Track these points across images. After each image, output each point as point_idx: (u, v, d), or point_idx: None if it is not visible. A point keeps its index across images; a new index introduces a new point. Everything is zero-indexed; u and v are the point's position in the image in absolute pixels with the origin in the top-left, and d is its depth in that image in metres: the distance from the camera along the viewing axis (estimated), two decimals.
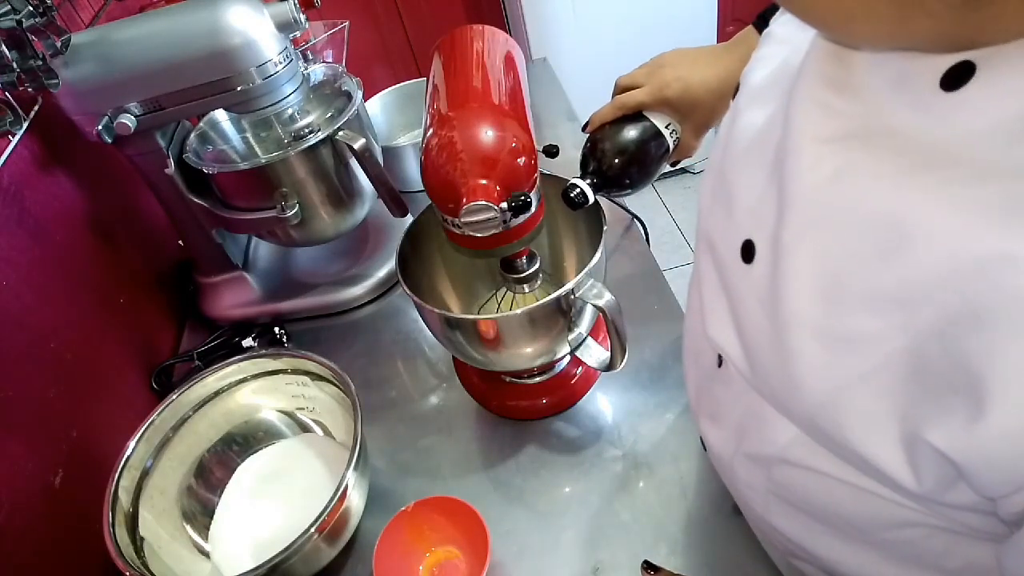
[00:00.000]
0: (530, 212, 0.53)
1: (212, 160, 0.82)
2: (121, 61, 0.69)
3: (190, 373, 0.82)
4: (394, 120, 1.16)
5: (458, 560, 0.61)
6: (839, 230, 0.31)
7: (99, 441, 0.72)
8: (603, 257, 0.61)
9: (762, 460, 0.40)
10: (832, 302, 0.31)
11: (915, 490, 0.29)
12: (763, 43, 0.44)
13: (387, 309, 0.92)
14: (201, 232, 0.86)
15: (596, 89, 0.99)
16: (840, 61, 0.31)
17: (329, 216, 0.85)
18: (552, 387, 0.73)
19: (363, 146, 0.77)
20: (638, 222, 0.93)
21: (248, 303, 0.92)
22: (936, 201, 0.26)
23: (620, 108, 0.67)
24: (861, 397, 0.30)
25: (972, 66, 0.25)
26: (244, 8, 0.68)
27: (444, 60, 0.58)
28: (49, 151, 0.76)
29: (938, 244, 0.26)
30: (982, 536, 0.31)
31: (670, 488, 0.64)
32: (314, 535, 0.55)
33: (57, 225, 0.75)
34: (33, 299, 0.68)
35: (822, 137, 0.32)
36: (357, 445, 0.59)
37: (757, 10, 0.62)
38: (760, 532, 0.53)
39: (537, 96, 1.25)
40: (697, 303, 0.45)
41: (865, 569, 0.38)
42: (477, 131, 0.50)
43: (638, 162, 0.67)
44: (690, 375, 0.51)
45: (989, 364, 0.24)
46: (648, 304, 0.81)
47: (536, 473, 0.68)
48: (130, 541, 0.60)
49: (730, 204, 0.39)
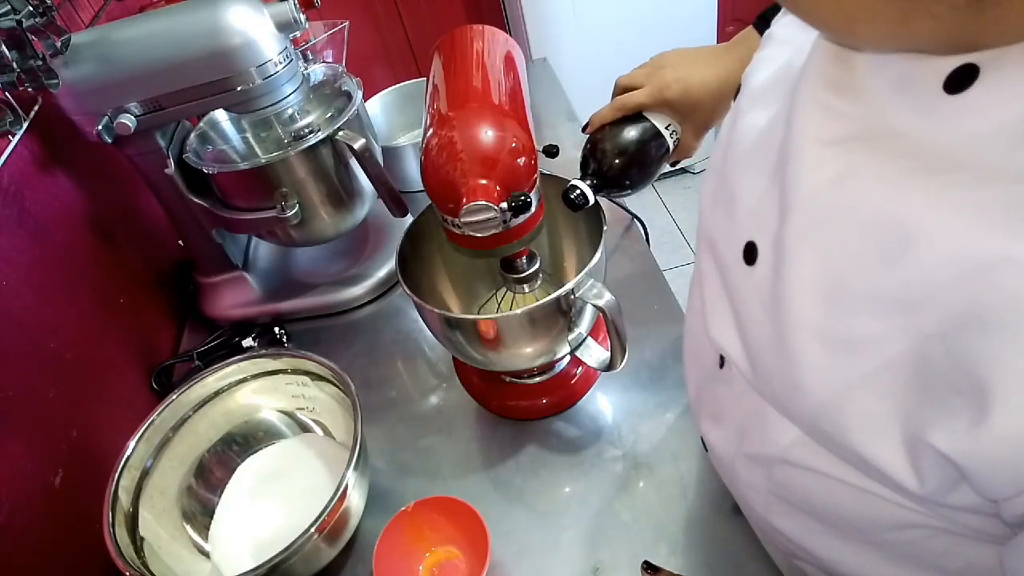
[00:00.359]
0: (530, 212, 0.53)
1: (212, 160, 0.82)
2: (121, 61, 0.69)
3: (190, 373, 0.82)
4: (394, 120, 1.16)
5: (458, 560, 0.61)
6: (841, 232, 0.30)
7: (99, 441, 0.72)
8: (603, 257, 0.61)
9: (763, 460, 0.40)
10: (834, 304, 0.31)
11: (917, 492, 0.29)
12: (765, 44, 0.44)
13: (387, 309, 0.92)
14: (201, 232, 0.86)
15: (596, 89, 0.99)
16: (842, 63, 0.31)
17: (329, 216, 0.85)
18: (552, 387, 0.73)
19: (363, 146, 0.77)
20: (638, 222, 0.93)
21: (248, 303, 0.92)
22: (939, 204, 0.26)
23: (620, 109, 0.67)
24: (863, 399, 0.30)
25: (975, 69, 0.25)
26: (244, 8, 0.68)
27: (444, 60, 0.58)
28: (49, 151, 0.76)
29: (941, 247, 0.26)
30: (983, 537, 0.31)
31: (670, 488, 0.64)
32: (314, 535, 0.55)
33: (57, 225, 0.75)
34: (33, 299, 0.68)
35: (824, 139, 0.32)
36: (357, 445, 0.59)
37: (757, 10, 0.62)
38: (761, 532, 0.53)
39: (537, 96, 1.25)
40: (698, 304, 0.45)
41: (866, 569, 0.38)
42: (477, 131, 0.50)
43: (638, 163, 0.67)
44: (691, 375, 0.51)
45: (992, 367, 0.24)
46: (648, 304, 0.81)
47: (536, 473, 0.68)
48: (130, 541, 0.60)
49: (732, 205, 0.39)
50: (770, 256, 0.35)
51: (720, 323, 0.41)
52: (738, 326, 0.39)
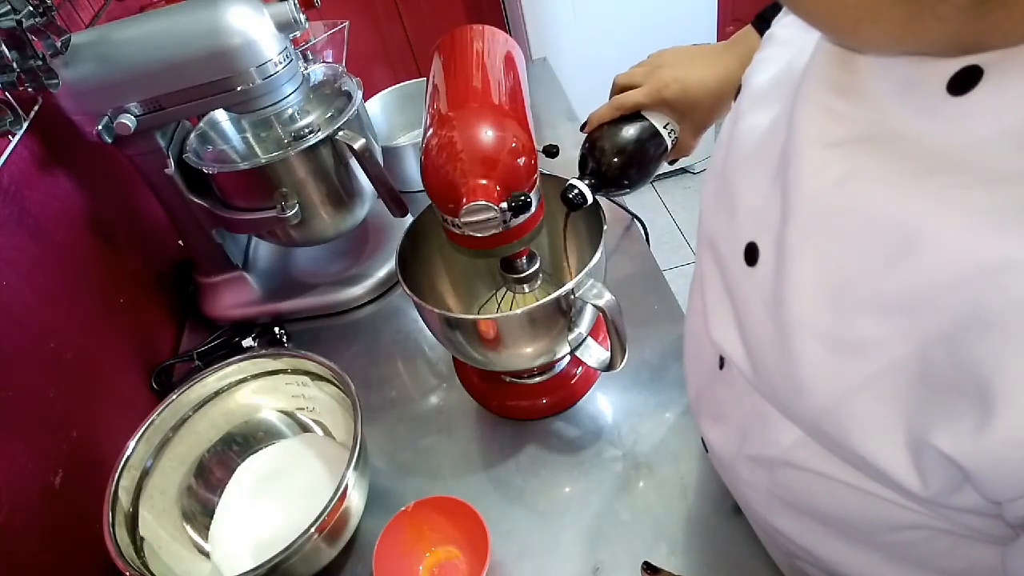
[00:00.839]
0: (530, 212, 0.53)
1: (212, 160, 0.82)
2: (121, 61, 0.69)
3: (190, 373, 0.82)
4: (394, 120, 1.16)
5: (458, 560, 0.61)
6: (844, 235, 0.30)
7: (99, 441, 0.72)
8: (603, 257, 0.61)
9: (765, 462, 0.40)
10: (837, 307, 0.31)
11: (921, 493, 0.29)
12: (765, 45, 0.44)
13: (387, 309, 0.92)
14: (201, 232, 0.86)
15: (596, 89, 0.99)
16: (845, 65, 0.31)
17: (329, 216, 0.85)
18: (552, 387, 0.73)
19: (363, 146, 0.77)
20: (638, 222, 0.93)
21: (248, 303, 0.92)
22: (942, 206, 0.26)
23: (618, 108, 0.67)
24: (866, 401, 0.30)
25: (979, 70, 0.25)
26: (244, 8, 0.68)
27: (444, 60, 0.58)
28: (49, 151, 0.76)
29: (944, 249, 0.26)
30: (985, 538, 0.31)
31: (670, 488, 0.64)
32: (314, 535, 0.55)
33: (57, 225, 0.75)
34: (33, 299, 0.68)
35: (827, 141, 0.31)
36: (357, 445, 0.59)
37: (757, 10, 0.62)
38: (762, 532, 0.53)
39: (537, 96, 1.25)
40: (699, 305, 0.45)
41: (867, 570, 0.38)
42: (477, 131, 0.50)
43: (636, 162, 0.67)
44: (691, 376, 0.51)
45: (997, 370, 0.24)
46: (648, 304, 0.81)
47: (536, 473, 0.68)
48: (130, 541, 0.60)
49: (733, 207, 0.39)
50: (772, 258, 0.35)
51: (721, 324, 0.41)
52: (739, 327, 0.39)
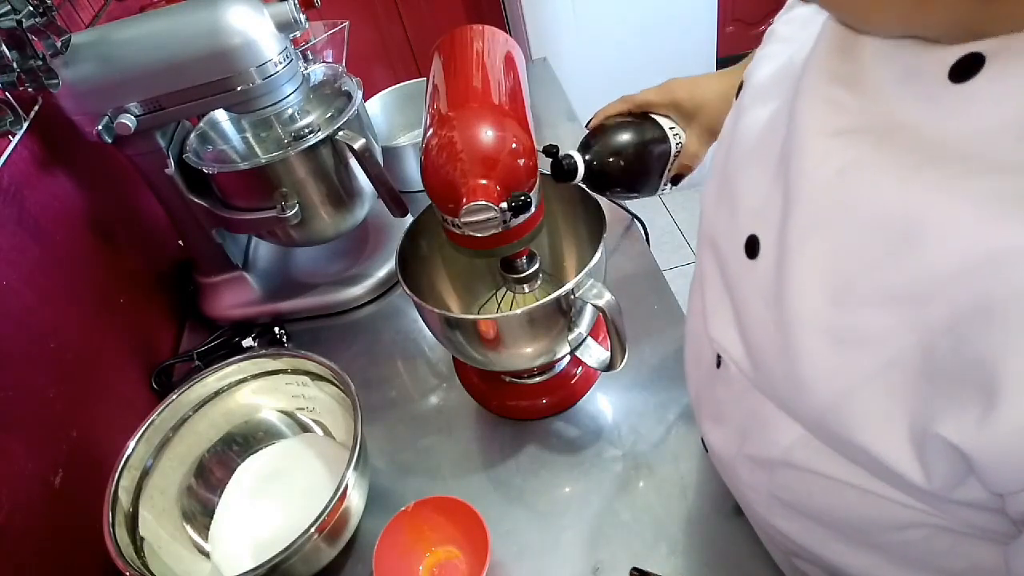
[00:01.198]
0: (530, 212, 0.53)
1: (212, 160, 0.82)
2: (121, 61, 0.69)
3: (190, 373, 0.82)
4: (394, 120, 1.16)
5: (458, 560, 0.61)
6: (847, 226, 0.30)
7: (99, 441, 0.72)
8: (603, 257, 0.61)
9: (765, 462, 0.40)
10: (840, 300, 0.30)
11: (924, 487, 0.29)
12: (766, 41, 0.44)
13: (387, 309, 0.92)
14: (201, 232, 0.86)
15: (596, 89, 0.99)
16: (847, 56, 0.31)
17: (329, 216, 0.85)
18: (552, 387, 0.73)
19: (363, 146, 0.77)
20: (638, 222, 0.93)
21: (248, 303, 0.92)
22: (946, 196, 0.26)
23: (627, 102, 0.69)
24: (870, 396, 0.30)
25: (981, 57, 0.25)
26: (244, 8, 0.68)
27: (444, 60, 0.58)
28: (49, 151, 0.76)
29: (948, 239, 0.26)
30: (987, 536, 0.31)
31: (670, 488, 0.64)
32: (314, 535, 0.55)
33: (57, 225, 0.75)
34: (33, 299, 0.68)
35: (829, 132, 0.31)
36: (357, 445, 0.59)
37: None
38: (762, 533, 0.53)
39: (537, 96, 1.25)
40: (699, 304, 0.45)
41: (869, 571, 0.38)
42: (477, 131, 0.50)
43: (638, 158, 0.67)
44: (691, 376, 0.51)
45: (1002, 359, 0.24)
46: (648, 304, 0.81)
47: (536, 473, 0.68)
48: (130, 541, 0.60)
49: (734, 203, 0.39)
50: (773, 251, 0.35)
51: (721, 322, 0.41)
52: (739, 325, 0.39)
